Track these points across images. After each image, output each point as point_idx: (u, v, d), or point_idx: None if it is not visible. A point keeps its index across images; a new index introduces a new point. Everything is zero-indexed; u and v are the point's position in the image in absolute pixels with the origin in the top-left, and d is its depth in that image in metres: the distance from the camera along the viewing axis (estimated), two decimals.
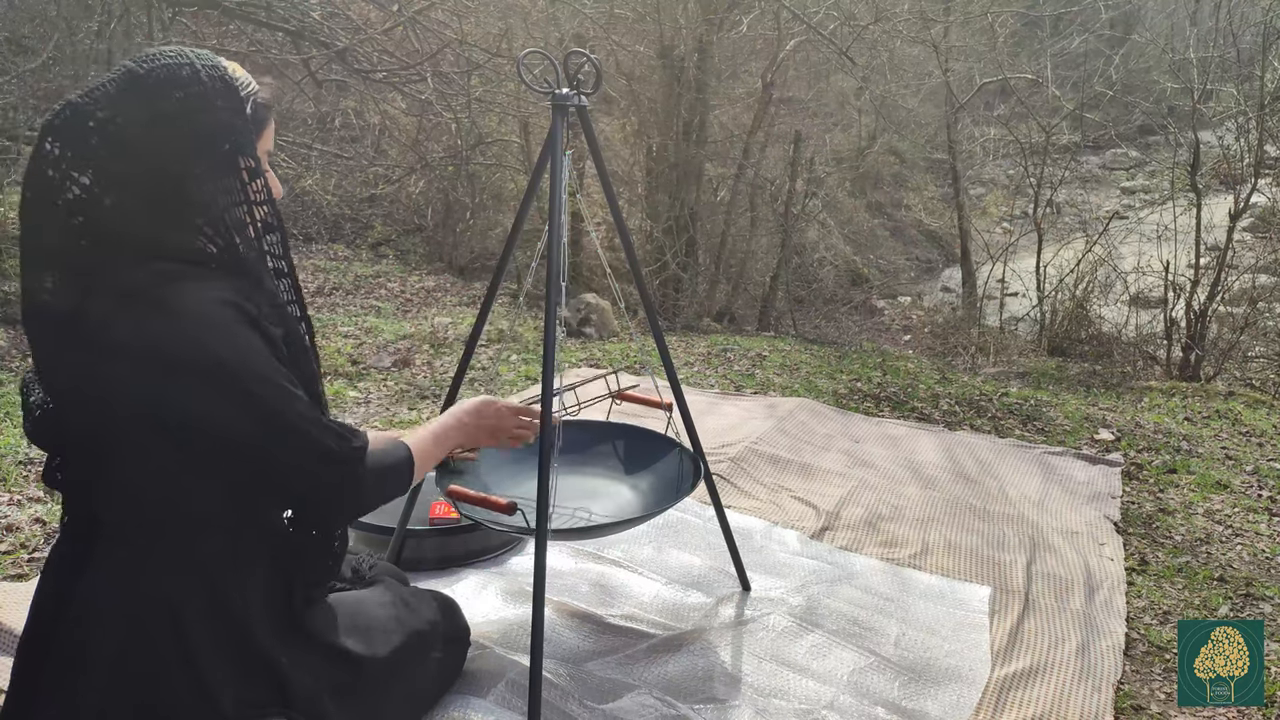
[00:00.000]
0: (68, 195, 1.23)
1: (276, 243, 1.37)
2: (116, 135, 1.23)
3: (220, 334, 1.25)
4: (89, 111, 1.23)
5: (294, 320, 1.41)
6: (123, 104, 1.24)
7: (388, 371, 4.52)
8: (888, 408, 4.41)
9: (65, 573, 1.38)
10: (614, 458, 2.44)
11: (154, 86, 1.25)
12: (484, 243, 7.99)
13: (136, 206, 1.24)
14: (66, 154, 1.23)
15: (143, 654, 1.34)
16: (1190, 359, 6.35)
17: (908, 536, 2.94)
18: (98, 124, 1.23)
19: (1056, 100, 9.16)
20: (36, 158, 1.24)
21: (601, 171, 2.19)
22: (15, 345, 4.21)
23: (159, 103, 1.24)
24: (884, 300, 9.93)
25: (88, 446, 1.30)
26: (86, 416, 1.28)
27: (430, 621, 1.78)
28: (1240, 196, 6.68)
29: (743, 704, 2.03)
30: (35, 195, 1.25)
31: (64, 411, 1.30)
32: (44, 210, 1.25)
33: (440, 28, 6.14)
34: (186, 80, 1.26)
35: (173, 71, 1.26)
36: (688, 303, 7.37)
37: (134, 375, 1.23)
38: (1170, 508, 3.37)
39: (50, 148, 1.23)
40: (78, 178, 1.22)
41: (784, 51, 7.32)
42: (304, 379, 1.37)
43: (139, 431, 1.26)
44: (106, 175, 1.23)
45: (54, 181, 1.23)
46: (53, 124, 1.24)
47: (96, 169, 1.23)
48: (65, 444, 1.35)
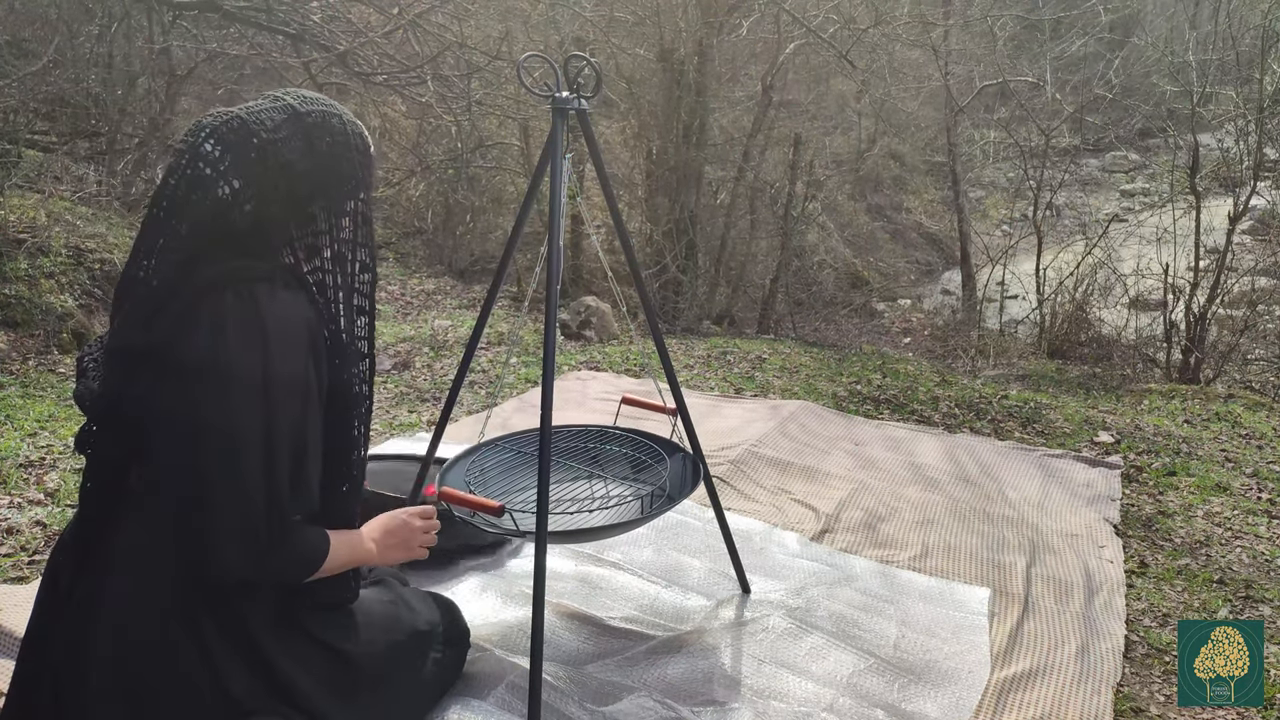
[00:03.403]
0: (218, 193, 1.36)
1: (367, 282, 1.52)
2: (275, 156, 1.39)
3: (283, 350, 1.35)
4: (254, 129, 1.39)
5: (358, 357, 1.49)
6: (284, 132, 1.41)
7: (388, 374, 4.52)
8: (888, 410, 4.41)
9: (74, 564, 1.41)
10: (614, 460, 2.45)
11: (311, 127, 1.43)
12: (484, 245, 8.00)
13: (266, 216, 1.40)
14: (226, 158, 1.37)
15: (151, 646, 1.36)
16: (1190, 361, 6.35)
17: (907, 539, 2.94)
18: (261, 142, 1.38)
19: (1056, 103, 9.16)
20: (194, 154, 1.37)
21: (601, 174, 2.19)
22: (15, 348, 4.22)
23: (314, 141, 1.43)
24: (884, 303, 9.93)
25: (130, 425, 1.37)
26: (140, 396, 1.34)
27: (430, 622, 1.79)
28: (1239, 199, 6.69)
29: (742, 706, 2.04)
30: (186, 185, 1.37)
31: (120, 388, 1.37)
32: (191, 199, 1.37)
33: (440, 31, 6.14)
34: (336, 129, 1.46)
35: (327, 119, 1.45)
36: (688, 305, 7.38)
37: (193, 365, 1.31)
38: (1170, 510, 3.38)
39: (211, 149, 1.37)
40: (231, 180, 1.37)
41: (784, 55, 7.33)
42: (337, 414, 1.47)
43: (177, 423, 1.32)
44: (254, 185, 1.38)
45: (209, 179, 1.37)
46: (217, 129, 1.38)
47: (247, 178, 1.38)
48: (108, 418, 1.40)
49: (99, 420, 1.41)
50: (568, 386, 4.34)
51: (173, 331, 1.32)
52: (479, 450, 2.37)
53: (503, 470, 2.34)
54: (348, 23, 6.21)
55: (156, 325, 1.34)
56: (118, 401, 1.37)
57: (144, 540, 1.38)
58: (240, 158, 1.37)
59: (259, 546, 1.33)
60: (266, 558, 1.35)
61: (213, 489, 1.30)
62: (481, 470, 2.30)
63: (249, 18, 5.78)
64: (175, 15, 6.08)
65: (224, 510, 1.31)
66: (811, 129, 8.33)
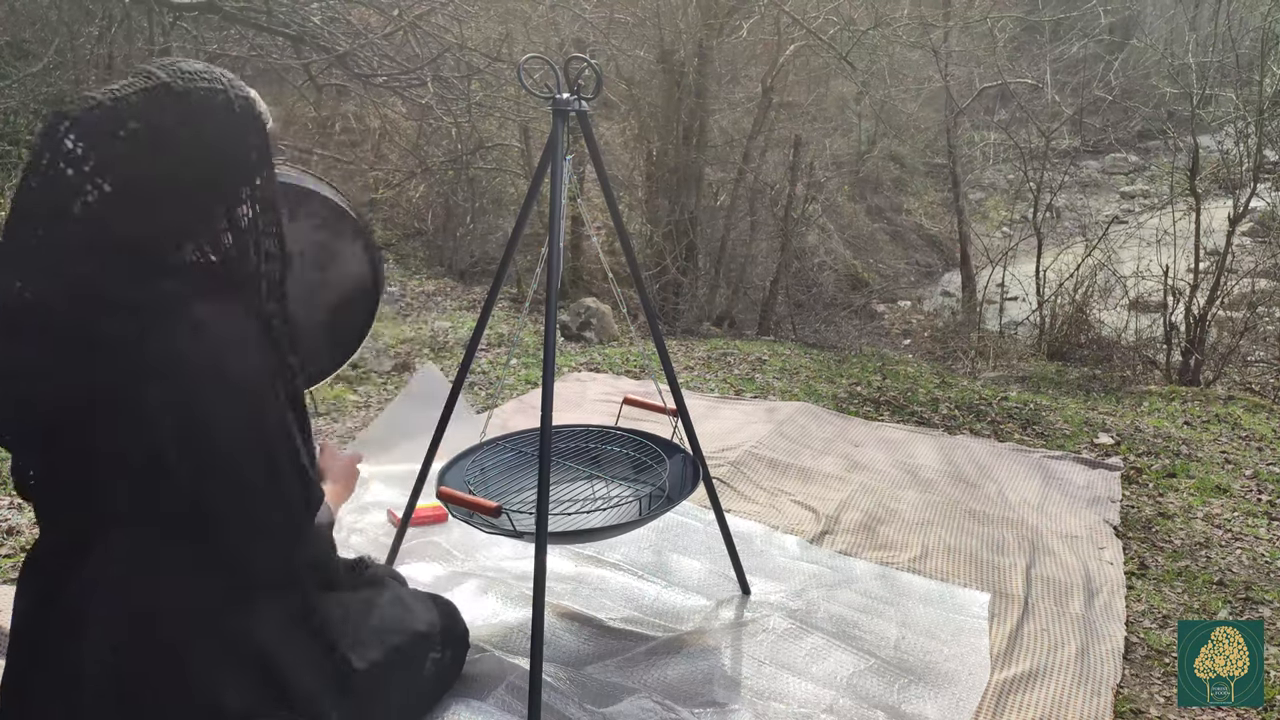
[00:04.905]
0: (86, 199, 1.21)
1: (276, 272, 1.38)
2: (145, 149, 1.23)
3: (241, 354, 1.28)
4: (120, 119, 1.22)
5: (291, 355, 1.41)
6: (156, 119, 1.23)
7: (388, 375, 4.52)
8: (887, 412, 4.41)
9: (54, 579, 1.35)
10: (614, 460, 2.45)
11: (189, 109, 1.26)
12: (484, 247, 7.99)
13: (148, 216, 1.25)
14: (91, 155, 1.21)
15: (141, 657, 1.34)
16: (1190, 363, 6.35)
17: (907, 541, 2.94)
18: (130, 133, 1.22)
19: (1056, 105, 9.17)
20: (54, 151, 1.21)
21: (602, 176, 2.20)
22: None
23: (193, 124, 1.26)
24: (884, 304, 9.93)
25: (90, 452, 1.28)
26: (96, 424, 1.26)
27: (429, 623, 1.79)
28: (1239, 201, 6.69)
29: (742, 707, 2.04)
30: (46, 190, 1.21)
31: (48, 417, 1.26)
32: (54, 208, 1.22)
33: (440, 32, 6.14)
34: (220, 108, 1.28)
35: (208, 96, 1.27)
36: (688, 307, 7.38)
37: (162, 391, 1.23)
38: (1169, 512, 3.38)
39: (73, 146, 1.21)
40: (99, 181, 1.21)
41: (784, 56, 7.33)
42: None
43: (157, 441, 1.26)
44: (128, 184, 1.23)
45: (72, 182, 1.21)
46: (79, 120, 1.22)
47: (118, 176, 1.22)
48: (55, 450, 1.30)
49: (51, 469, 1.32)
50: (568, 388, 4.34)
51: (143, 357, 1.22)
52: (479, 450, 2.37)
53: (502, 471, 2.35)
54: (348, 24, 6.21)
55: (104, 369, 1.22)
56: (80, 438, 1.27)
57: (131, 557, 1.32)
58: (108, 153, 1.21)
59: (298, 538, 1.38)
60: (301, 547, 1.39)
61: (251, 496, 1.31)
62: (481, 470, 2.31)
63: (249, 19, 5.78)
64: (175, 17, 6.08)
65: (262, 516, 1.33)
66: (811, 130, 8.33)
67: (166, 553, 1.33)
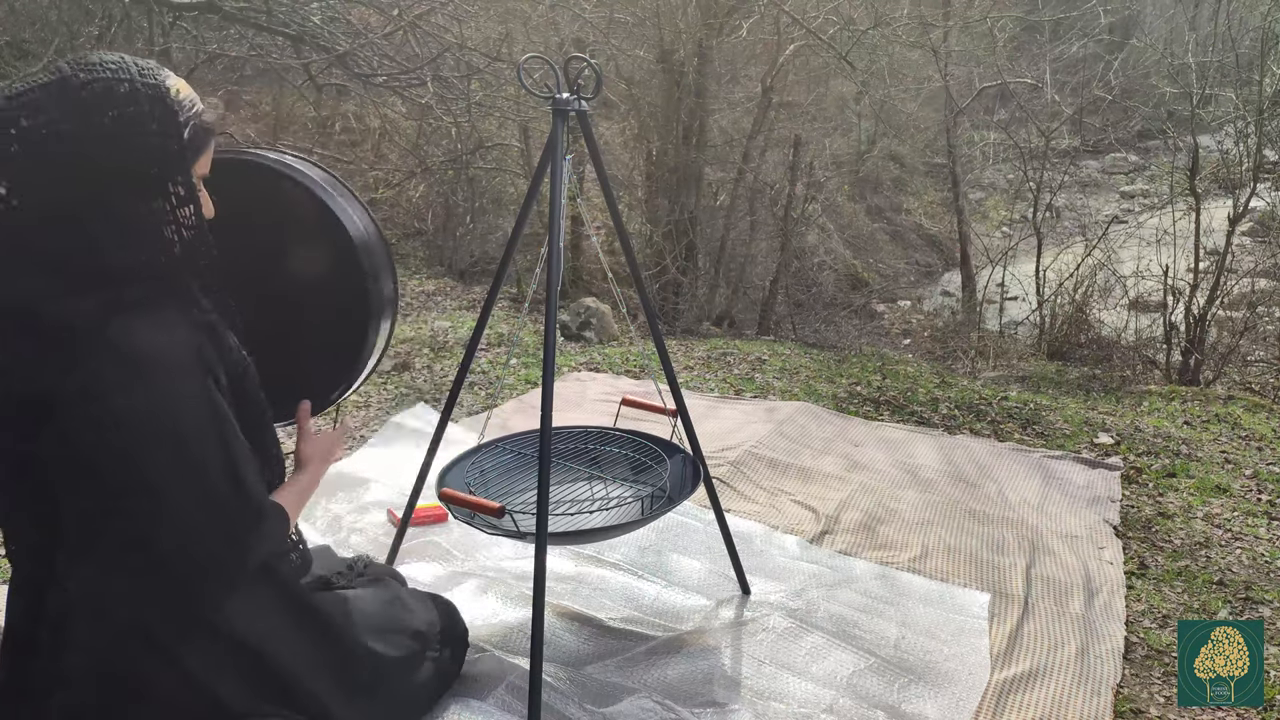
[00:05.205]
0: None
1: (206, 268, 1.32)
2: (40, 146, 1.16)
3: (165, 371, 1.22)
4: (12, 116, 1.15)
5: (234, 351, 1.37)
6: (51, 114, 1.16)
7: (387, 375, 4.52)
8: (887, 412, 4.41)
9: (33, 592, 1.33)
10: (614, 461, 2.45)
11: (88, 101, 1.17)
12: (484, 247, 7.99)
13: (54, 220, 1.18)
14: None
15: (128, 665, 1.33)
16: (1190, 363, 6.35)
17: (907, 540, 2.95)
18: (20, 132, 1.15)
19: (1056, 105, 9.17)
20: None
21: (601, 176, 2.20)
22: None
23: (91, 118, 1.17)
24: (884, 304, 9.93)
25: (40, 481, 1.24)
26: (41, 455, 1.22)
27: (428, 623, 1.79)
28: (1239, 201, 6.69)
29: (742, 707, 2.04)
30: None
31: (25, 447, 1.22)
32: None
33: (440, 32, 6.14)
34: (123, 99, 1.19)
35: (110, 87, 1.19)
36: (687, 307, 7.38)
37: (85, 411, 1.18)
38: (1169, 511, 3.38)
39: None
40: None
41: (784, 56, 7.33)
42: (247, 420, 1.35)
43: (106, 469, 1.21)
44: (25, 186, 1.17)
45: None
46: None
47: (13, 179, 1.16)
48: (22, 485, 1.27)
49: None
50: (567, 387, 4.34)
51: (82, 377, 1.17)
52: (479, 451, 2.37)
53: (502, 471, 2.35)
54: (347, 24, 6.21)
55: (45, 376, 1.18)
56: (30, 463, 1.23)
57: (99, 578, 1.28)
58: (1, 151, 1.15)
59: (244, 553, 1.31)
60: (249, 547, 1.32)
61: (183, 518, 1.24)
62: (481, 471, 2.31)
63: (249, 19, 5.78)
64: (175, 17, 6.08)
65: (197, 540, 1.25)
66: (811, 130, 8.33)
67: (125, 578, 1.29)
